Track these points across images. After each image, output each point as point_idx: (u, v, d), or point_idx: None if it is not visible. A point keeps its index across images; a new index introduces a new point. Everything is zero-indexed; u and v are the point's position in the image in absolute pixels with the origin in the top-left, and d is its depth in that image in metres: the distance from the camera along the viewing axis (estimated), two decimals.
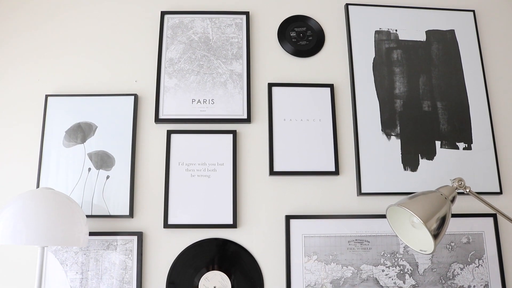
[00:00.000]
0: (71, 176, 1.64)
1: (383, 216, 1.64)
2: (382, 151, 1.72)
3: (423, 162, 1.72)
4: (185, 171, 1.66)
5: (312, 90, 1.77)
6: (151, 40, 1.83)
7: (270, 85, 1.76)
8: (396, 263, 1.62)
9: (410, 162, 1.72)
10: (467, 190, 1.39)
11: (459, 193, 1.59)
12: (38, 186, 1.63)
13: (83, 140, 1.68)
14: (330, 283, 1.59)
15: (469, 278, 1.62)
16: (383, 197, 1.70)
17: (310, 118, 1.74)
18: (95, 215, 1.60)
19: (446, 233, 1.65)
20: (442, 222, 1.30)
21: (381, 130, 1.74)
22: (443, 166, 1.72)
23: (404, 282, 1.60)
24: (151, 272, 1.58)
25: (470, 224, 1.67)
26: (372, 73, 1.81)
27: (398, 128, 1.75)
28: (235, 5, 1.89)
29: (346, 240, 1.62)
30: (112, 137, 1.68)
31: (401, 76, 1.82)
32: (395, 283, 1.60)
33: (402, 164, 1.71)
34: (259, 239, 1.63)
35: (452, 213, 1.66)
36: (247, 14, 1.85)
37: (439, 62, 1.85)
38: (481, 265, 1.63)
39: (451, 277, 1.62)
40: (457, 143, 1.76)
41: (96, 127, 1.69)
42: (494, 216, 1.67)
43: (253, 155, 1.71)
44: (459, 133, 1.77)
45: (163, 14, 1.84)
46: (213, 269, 1.59)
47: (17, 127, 1.73)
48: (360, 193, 1.67)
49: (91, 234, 1.58)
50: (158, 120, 1.71)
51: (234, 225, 1.61)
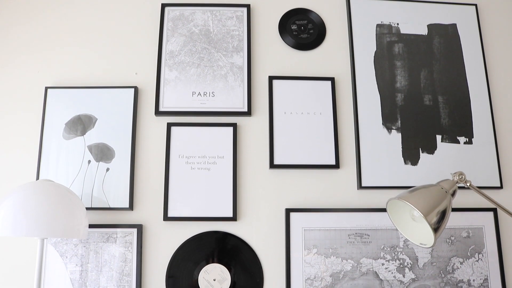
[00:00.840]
0: (71, 169, 1.63)
1: (383, 210, 1.64)
2: (383, 145, 1.72)
3: (424, 156, 1.72)
4: (185, 164, 1.65)
5: (313, 83, 1.76)
6: (152, 33, 1.82)
7: (271, 78, 1.76)
8: (396, 257, 1.62)
9: (411, 156, 1.71)
10: (468, 184, 1.38)
11: (460, 187, 1.59)
12: (38, 178, 1.63)
13: (83, 132, 1.67)
14: (330, 276, 1.59)
15: (469, 272, 1.62)
16: (384, 191, 1.70)
17: (311, 112, 1.73)
18: (95, 208, 1.60)
19: (446, 227, 1.65)
20: (443, 216, 1.30)
21: (382, 124, 1.74)
22: (444, 160, 1.72)
23: (404, 276, 1.60)
24: (151, 265, 1.59)
25: (470, 218, 1.67)
26: (373, 67, 1.80)
27: (399, 122, 1.75)
28: None
29: (346, 234, 1.62)
30: (112, 130, 1.67)
31: (402, 70, 1.81)
32: (395, 277, 1.60)
33: (403, 158, 1.71)
34: (259, 232, 1.63)
35: (453, 207, 1.66)
36: (248, 7, 1.84)
37: (441, 56, 1.84)
38: (481, 259, 1.64)
39: (451, 271, 1.62)
40: (458, 137, 1.75)
41: (96, 120, 1.69)
42: (494, 211, 1.67)
43: (254, 148, 1.71)
44: (460, 127, 1.76)
45: (164, 6, 1.83)
46: (213, 262, 1.59)
47: (17, 119, 1.72)
48: (361, 187, 1.67)
49: (91, 227, 1.58)
50: (158, 113, 1.71)
51: (234, 218, 1.61)
